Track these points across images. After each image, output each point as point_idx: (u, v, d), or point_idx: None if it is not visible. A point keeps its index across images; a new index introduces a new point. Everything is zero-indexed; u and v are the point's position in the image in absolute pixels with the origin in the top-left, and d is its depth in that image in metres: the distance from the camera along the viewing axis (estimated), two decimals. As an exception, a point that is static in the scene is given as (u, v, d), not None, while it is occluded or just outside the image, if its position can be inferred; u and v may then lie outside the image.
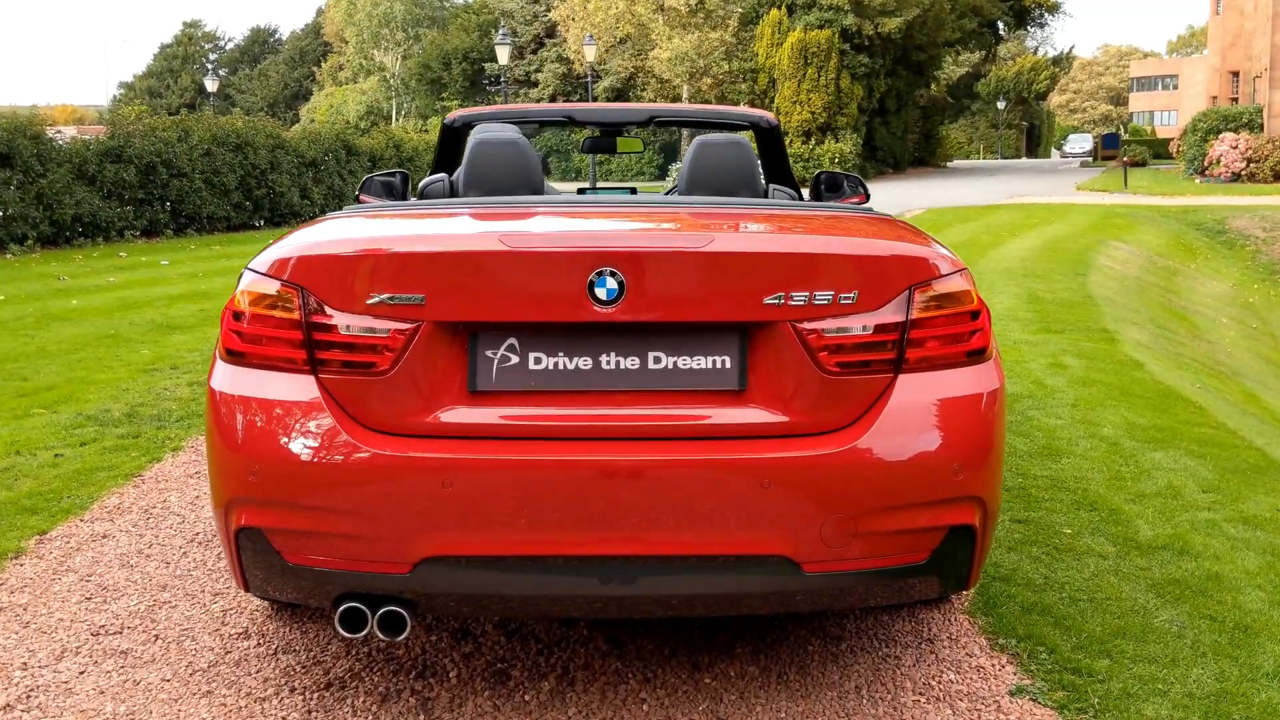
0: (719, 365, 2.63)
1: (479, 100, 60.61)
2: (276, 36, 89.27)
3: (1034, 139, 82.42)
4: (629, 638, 3.32)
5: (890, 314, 2.64)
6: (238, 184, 20.86)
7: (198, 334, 9.18)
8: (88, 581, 3.79)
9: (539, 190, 3.71)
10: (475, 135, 3.76)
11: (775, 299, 2.59)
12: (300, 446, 2.58)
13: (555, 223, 2.91)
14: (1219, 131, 36.51)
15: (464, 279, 2.58)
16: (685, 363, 2.63)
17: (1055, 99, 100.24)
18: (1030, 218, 22.60)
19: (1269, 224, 22.54)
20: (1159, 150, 59.38)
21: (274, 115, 74.72)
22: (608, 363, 2.62)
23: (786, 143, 4.80)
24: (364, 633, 2.66)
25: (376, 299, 2.58)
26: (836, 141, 42.99)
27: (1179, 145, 41.55)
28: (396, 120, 62.88)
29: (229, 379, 2.71)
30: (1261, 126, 36.58)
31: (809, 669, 3.16)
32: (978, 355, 2.75)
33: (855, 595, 2.73)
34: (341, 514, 2.56)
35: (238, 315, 2.71)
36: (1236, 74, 47.11)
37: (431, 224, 2.89)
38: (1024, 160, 74.54)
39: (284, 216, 22.30)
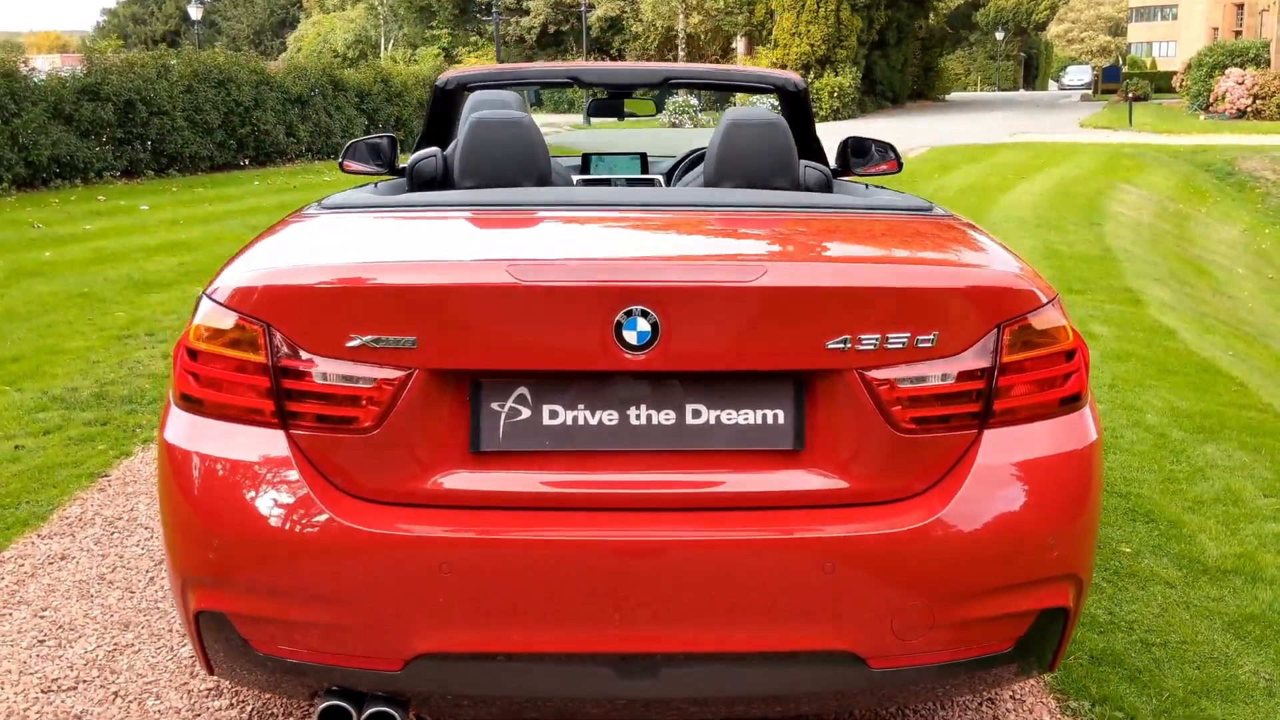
0: (771, 421, 2.20)
1: (469, 29, 59.32)
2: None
3: (1032, 70, 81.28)
4: None
5: (975, 358, 2.20)
6: (221, 122, 20.11)
7: (175, 292, 8.69)
8: (42, 618, 3.38)
9: (545, 177, 3.23)
10: (473, 112, 3.26)
11: (840, 343, 2.15)
12: (268, 518, 2.15)
13: (570, 239, 2.45)
14: (1224, 66, 35.75)
15: (465, 318, 2.13)
16: (730, 418, 2.19)
17: (1053, 29, 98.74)
18: (1037, 158, 22.03)
19: (1279, 165, 22.01)
20: (1160, 83, 58.41)
21: (260, 43, 73.28)
22: (637, 418, 2.19)
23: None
24: (348, 732, 2.26)
25: (358, 341, 2.13)
26: (835, 75, 42.05)
27: (1183, 80, 40.70)
28: (385, 49, 61.52)
29: (184, 431, 2.27)
30: (1268, 61, 35.85)
31: (857, 739, 2.77)
32: (1072, 402, 2.32)
33: (923, 690, 2.32)
34: (319, 600, 2.14)
35: (193, 354, 2.25)
36: (1240, 5, 46.22)
37: (424, 242, 2.42)
38: (1022, 93, 73.44)
39: (269, 155, 21.56)
